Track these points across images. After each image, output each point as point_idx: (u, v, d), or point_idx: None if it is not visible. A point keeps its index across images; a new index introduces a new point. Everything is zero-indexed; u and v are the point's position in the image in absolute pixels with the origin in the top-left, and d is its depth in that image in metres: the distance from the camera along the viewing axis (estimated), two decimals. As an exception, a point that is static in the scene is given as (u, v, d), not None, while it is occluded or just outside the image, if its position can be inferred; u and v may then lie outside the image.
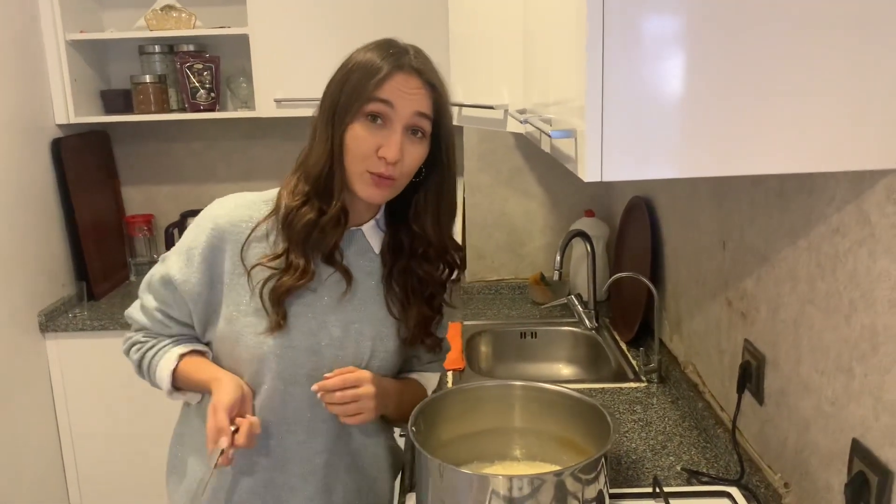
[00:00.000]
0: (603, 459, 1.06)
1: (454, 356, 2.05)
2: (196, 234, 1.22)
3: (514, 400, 1.21)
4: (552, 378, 2.22)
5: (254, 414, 1.21)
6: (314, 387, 1.17)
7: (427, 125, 1.16)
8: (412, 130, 1.15)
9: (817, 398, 1.18)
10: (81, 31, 2.62)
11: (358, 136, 1.13)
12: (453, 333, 2.20)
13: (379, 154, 1.13)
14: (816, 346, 1.18)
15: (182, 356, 1.24)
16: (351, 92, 1.14)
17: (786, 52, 0.90)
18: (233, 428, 1.11)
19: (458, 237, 2.64)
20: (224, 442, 1.09)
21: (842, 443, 1.10)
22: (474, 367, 2.19)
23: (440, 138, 1.20)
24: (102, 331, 2.50)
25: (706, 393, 1.69)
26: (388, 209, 1.28)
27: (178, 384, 1.25)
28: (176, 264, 1.22)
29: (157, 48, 2.75)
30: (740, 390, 1.44)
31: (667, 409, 1.76)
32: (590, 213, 2.54)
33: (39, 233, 2.52)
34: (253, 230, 1.20)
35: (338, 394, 1.17)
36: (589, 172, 0.94)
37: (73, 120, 2.63)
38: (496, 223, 2.62)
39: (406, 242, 1.25)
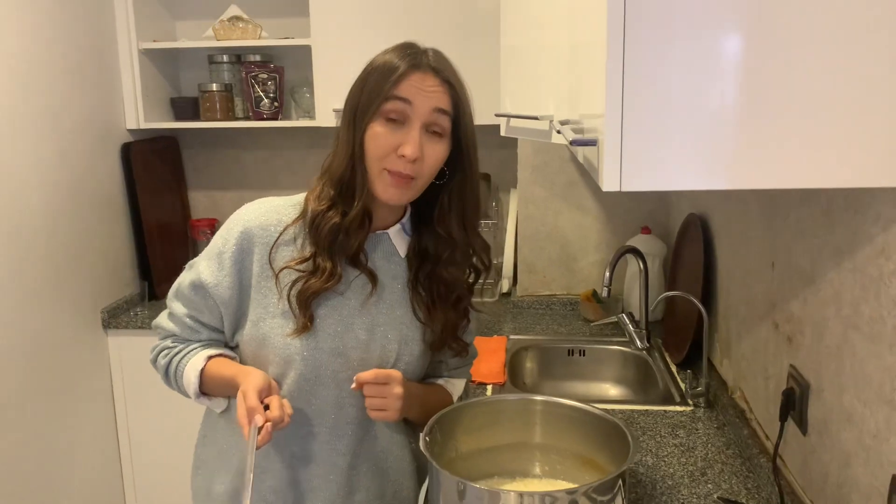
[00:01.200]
0: (620, 481, 1.02)
1: (496, 370, 2.02)
2: (226, 238, 1.23)
3: (534, 415, 1.18)
4: (599, 398, 2.17)
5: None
6: (355, 377, 1.17)
7: (446, 122, 1.16)
8: (432, 130, 1.15)
9: (859, 430, 1.11)
10: (154, 41, 2.73)
11: (377, 136, 1.14)
12: (496, 347, 2.17)
13: (398, 152, 1.13)
14: (859, 374, 1.11)
15: (210, 357, 1.24)
16: (370, 92, 1.15)
17: (813, 66, 0.86)
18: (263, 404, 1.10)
19: (509, 249, 2.64)
20: (259, 419, 1.07)
21: (881, 479, 1.03)
22: (517, 383, 2.16)
23: (461, 137, 1.19)
24: (161, 330, 2.56)
25: (752, 420, 1.62)
26: (414, 212, 1.28)
27: (206, 388, 1.25)
28: (207, 269, 1.23)
29: (225, 58, 2.84)
30: (783, 418, 1.37)
31: (711, 434, 1.69)
32: (646, 230, 2.48)
33: (106, 232, 2.62)
34: (281, 233, 1.21)
35: (366, 387, 1.17)
36: (607, 181, 0.92)
37: (143, 125, 2.73)
38: (549, 237, 2.58)
39: (431, 246, 1.25)
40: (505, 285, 2.70)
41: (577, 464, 1.17)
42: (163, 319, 1.31)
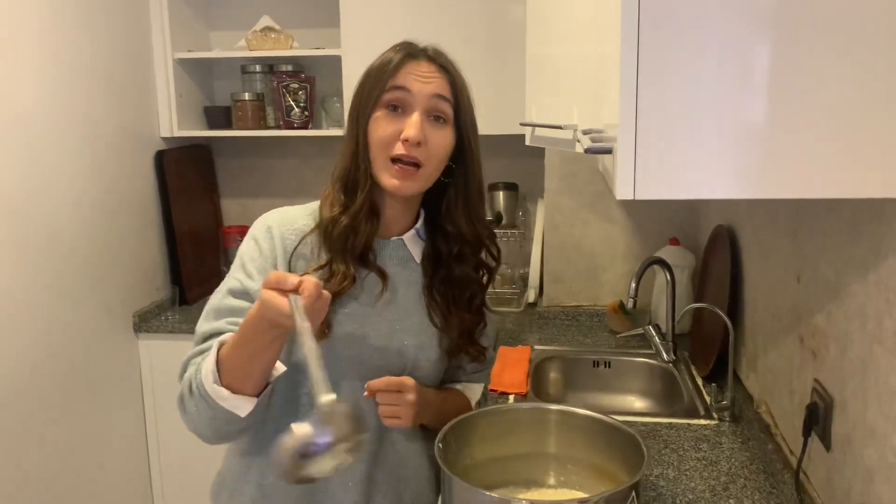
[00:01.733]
0: (633, 492, 1.01)
1: (518, 380, 2.01)
2: (257, 242, 1.22)
3: (549, 424, 1.18)
4: (624, 410, 2.15)
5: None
6: (367, 384, 1.17)
7: (448, 109, 1.18)
8: (434, 116, 1.16)
9: (882, 446, 1.08)
10: (189, 50, 2.78)
11: (379, 126, 1.15)
12: (520, 357, 2.17)
13: (401, 137, 1.14)
14: (883, 389, 1.08)
15: (223, 343, 1.11)
16: (369, 88, 1.18)
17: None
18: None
19: (536, 259, 2.62)
20: (294, 280, 0.95)
21: (904, 497, 1.01)
22: (541, 393, 2.15)
23: (461, 126, 1.20)
24: (191, 334, 2.60)
25: (777, 435, 1.59)
26: (427, 217, 1.28)
27: (226, 375, 1.09)
28: (246, 276, 1.20)
29: (257, 67, 2.88)
30: (806, 433, 1.34)
31: (735, 449, 1.66)
32: (674, 242, 2.45)
33: (138, 237, 2.68)
34: (298, 244, 1.21)
35: (379, 395, 1.18)
36: (621, 190, 0.91)
37: (177, 133, 2.79)
38: (576, 247, 2.57)
39: (444, 248, 1.25)
40: (531, 295, 2.69)
41: (593, 475, 1.16)
42: (199, 341, 1.22)
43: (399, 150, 1.14)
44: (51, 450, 2.24)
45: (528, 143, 1.98)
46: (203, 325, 1.22)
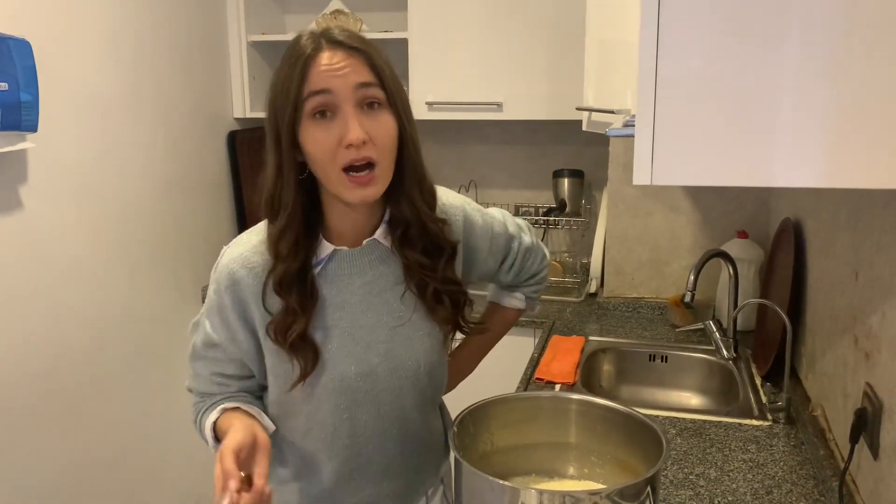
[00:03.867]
0: (649, 487, 0.98)
1: (567, 370, 1.98)
2: (220, 293, 1.15)
3: (570, 414, 1.15)
4: (676, 407, 2.09)
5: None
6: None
7: (378, 92, 1.05)
8: (367, 104, 1.05)
9: (925, 457, 1.02)
10: (263, 33, 2.85)
11: (315, 140, 1.04)
12: (572, 347, 2.13)
13: (343, 144, 1.03)
14: (929, 396, 1.01)
15: (225, 410, 1.18)
16: (281, 104, 1.06)
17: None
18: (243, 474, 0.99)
19: (598, 249, 2.57)
20: (233, 485, 0.95)
21: (943, 512, 0.94)
22: (593, 385, 2.11)
23: (396, 104, 1.08)
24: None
25: (831, 440, 1.51)
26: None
27: (221, 437, 1.16)
28: (213, 327, 1.18)
29: (328, 50, 2.92)
30: (854, 439, 1.27)
31: (787, 452, 1.58)
32: (742, 235, 2.35)
33: (210, 215, 2.77)
34: (268, 277, 1.12)
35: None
36: (639, 175, 0.88)
37: (249, 115, 2.86)
38: (639, 238, 2.50)
39: (393, 234, 1.17)
40: (592, 286, 2.64)
41: (614, 467, 1.14)
42: (190, 383, 1.27)
43: (346, 157, 1.04)
44: (116, 421, 2.35)
45: (584, 128, 1.94)
46: (195, 366, 1.24)
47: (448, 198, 1.27)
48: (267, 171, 1.11)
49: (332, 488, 1.25)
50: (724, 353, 2.07)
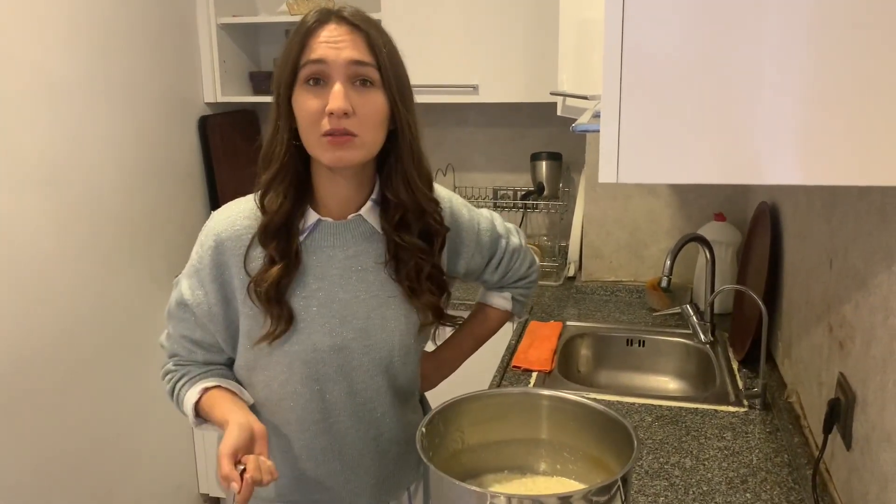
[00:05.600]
0: (620, 485, 0.96)
1: (544, 357, 1.97)
2: (201, 254, 1.19)
3: (541, 410, 1.13)
4: (654, 392, 2.08)
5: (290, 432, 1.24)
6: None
7: (372, 72, 1.08)
8: (360, 81, 1.08)
9: (897, 452, 1.01)
10: (234, 16, 2.78)
11: (303, 104, 1.08)
12: (549, 333, 2.12)
13: (326, 111, 1.06)
14: (901, 390, 1.00)
15: (206, 389, 1.20)
16: (284, 63, 1.10)
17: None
18: (241, 467, 1.03)
19: (576, 232, 2.55)
20: (235, 487, 1.00)
21: (914, 508, 0.93)
22: (570, 372, 2.10)
23: (391, 87, 1.11)
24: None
25: (806, 427, 1.51)
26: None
27: (204, 417, 1.22)
28: (188, 287, 1.20)
29: (301, 32, 2.86)
30: (827, 430, 1.26)
31: (762, 439, 1.58)
32: (720, 217, 2.34)
33: (183, 203, 2.72)
34: (252, 238, 1.16)
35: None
36: (604, 172, 0.86)
37: (220, 99, 2.80)
38: (617, 221, 2.49)
39: (386, 218, 1.19)
40: (571, 269, 2.63)
41: (586, 464, 1.12)
42: (164, 338, 1.28)
43: (326, 125, 1.07)
44: (91, 413, 2.31)
45: (559, 112, 1.91)
46: (168, 324, 1.26)
47: (437, 190, 1.29)
48: (267, 130, 1.16)
49: (306, 468, 1.26)
50: (702, 336, 2.05)
